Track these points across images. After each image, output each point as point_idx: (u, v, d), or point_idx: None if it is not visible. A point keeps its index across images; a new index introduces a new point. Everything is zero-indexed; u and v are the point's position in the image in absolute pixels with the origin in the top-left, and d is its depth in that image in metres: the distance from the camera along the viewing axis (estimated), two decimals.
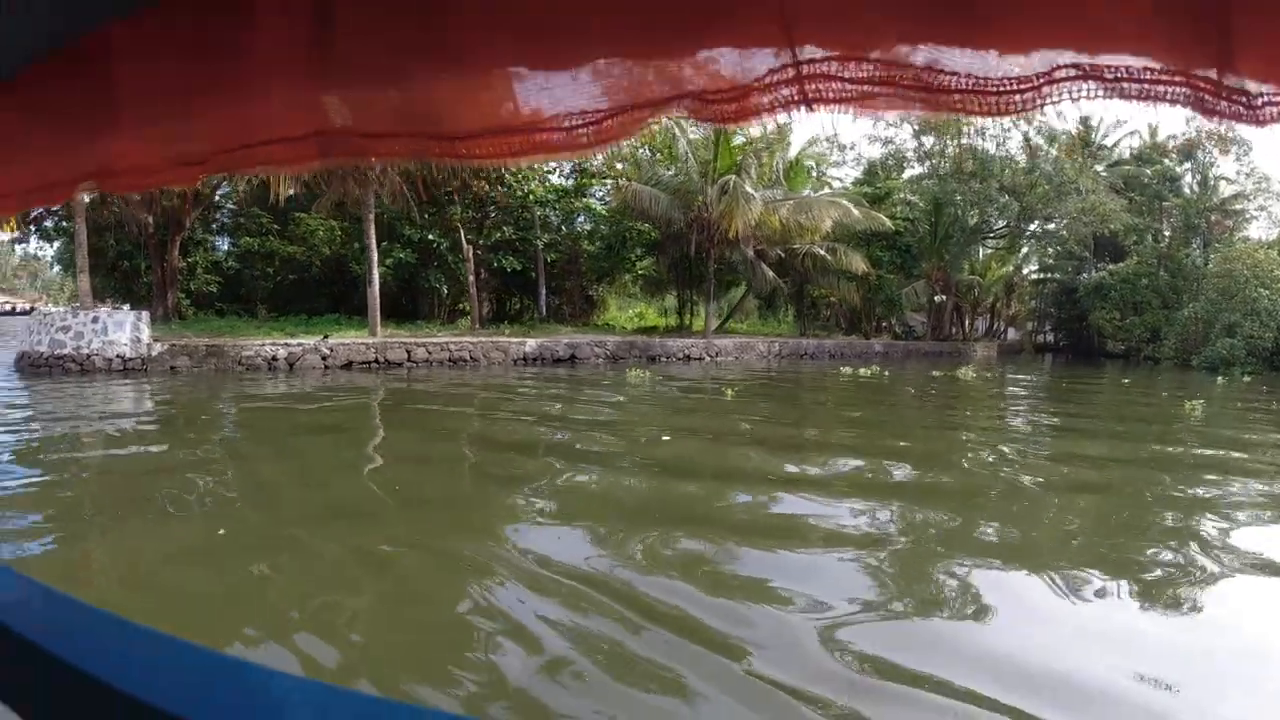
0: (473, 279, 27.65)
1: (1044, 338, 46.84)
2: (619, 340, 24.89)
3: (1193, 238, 35.28)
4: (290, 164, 0.70)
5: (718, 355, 26.24)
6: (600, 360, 23.45)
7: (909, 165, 37.73)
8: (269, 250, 26.40)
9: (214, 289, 26.26)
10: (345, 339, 20.41)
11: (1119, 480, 8.07)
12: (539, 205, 28.89)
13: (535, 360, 22.53)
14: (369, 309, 21.65)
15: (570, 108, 0.62)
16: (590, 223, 32.05)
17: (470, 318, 27.70)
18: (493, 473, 8.15)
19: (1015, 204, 33.83)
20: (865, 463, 8.69)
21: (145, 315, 18.33)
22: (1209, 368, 27.60)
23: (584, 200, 31.09)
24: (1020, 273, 44.87)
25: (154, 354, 17.83)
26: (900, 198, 36.24)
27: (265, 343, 19.10)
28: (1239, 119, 0.48)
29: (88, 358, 17.26)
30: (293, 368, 18.75)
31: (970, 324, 41.66)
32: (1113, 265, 36.97)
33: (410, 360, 20.50)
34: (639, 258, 32.49)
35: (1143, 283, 34.95)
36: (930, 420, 13.88)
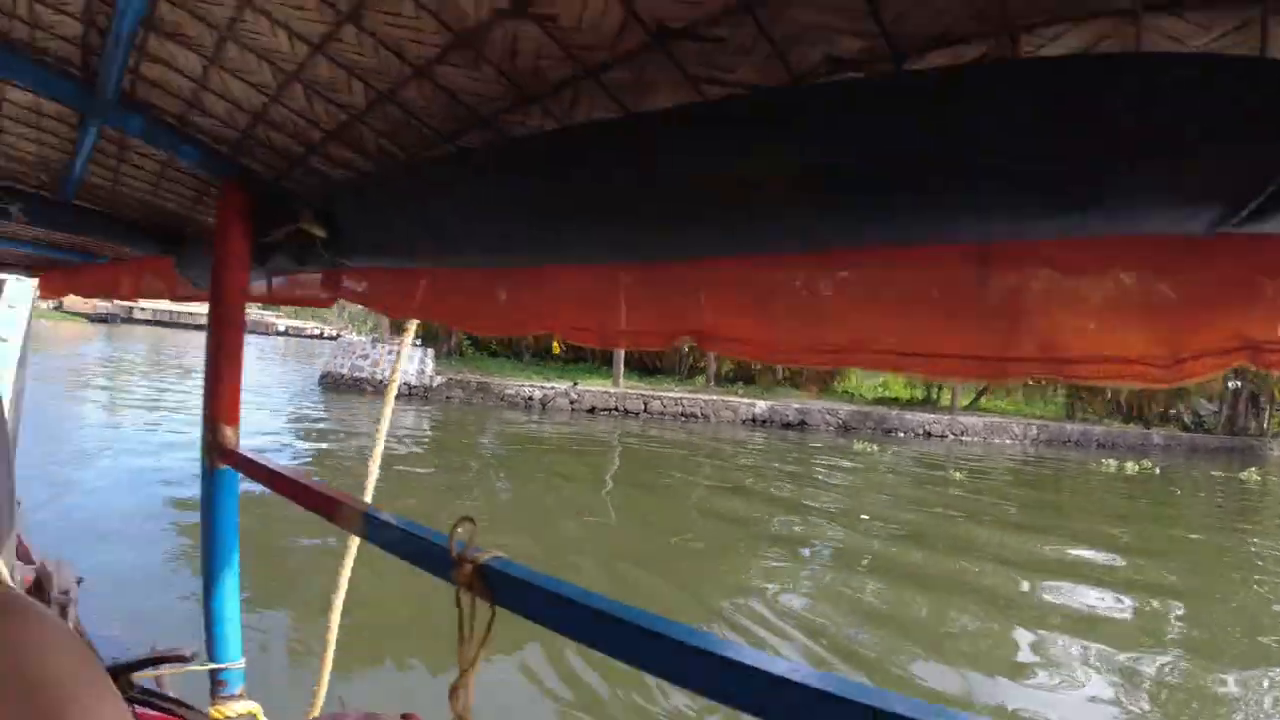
0: None
1: None
2: (853, 410, 23.89)
3: None
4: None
5: (962, 434, 23.75)
6: (830, 429, 22.65)
7: None
8: None
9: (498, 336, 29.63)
10: (591, 386, 21.84)
11: None
12: None
13: (764, 423, 22.38)
14: (614, 361, 23.01)
15: None
16: None
17: (706, 375, 28.21)
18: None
19: None
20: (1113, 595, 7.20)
21: (430, 352, 21.47)
22: None
23: None
24: None
25: (434, 385, 20.59)
26: None
27: (524, 384, 21.14)
28: None
29: (380, 383, 20.40)
30: (544, 407, 20.48)
31: (1270, 416, 33.49)
32: None
33: (646, 411, 21.37)
34: None
35: None
36: (1196, 529, 11.24)
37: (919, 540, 8.64)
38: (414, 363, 20.77)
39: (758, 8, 0.63)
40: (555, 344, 26.06)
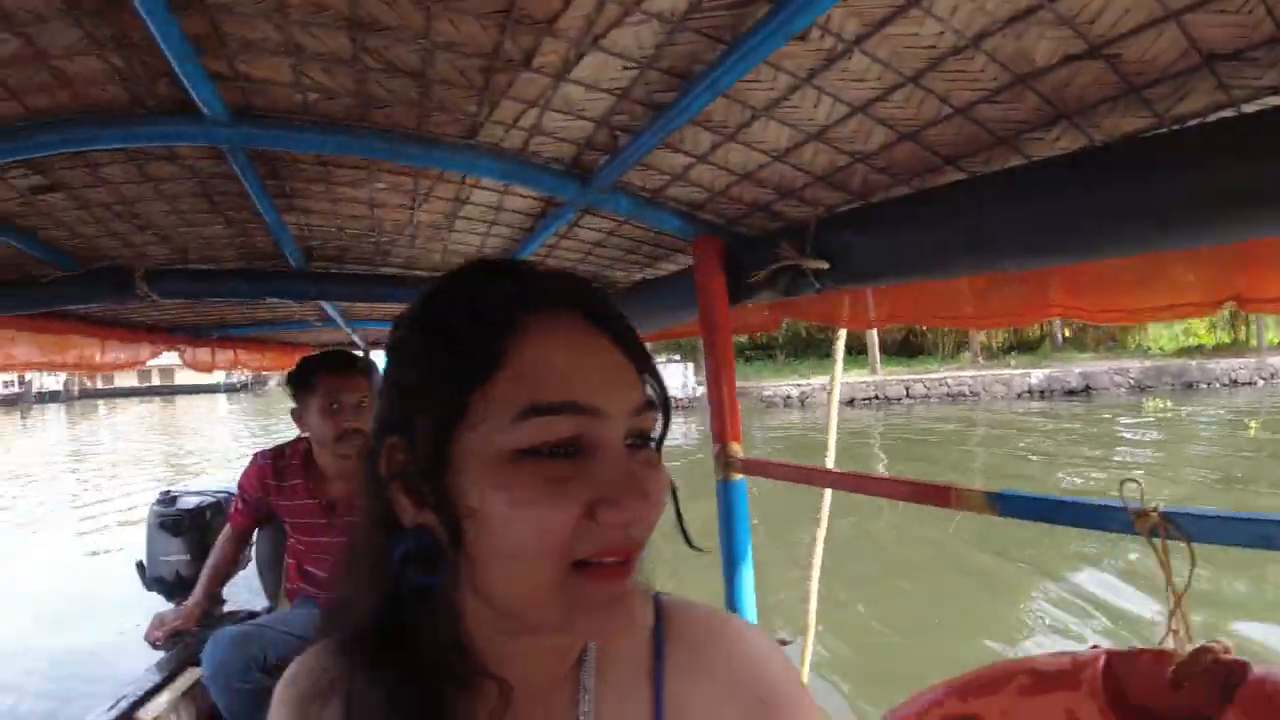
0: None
1: None
2: (1146, 366, 21.41)
3: None
4: None
5: (1273, 377, 20.48)
6: (1122, 390, 20.55)
7: None
8: None
9: (744, 339, 31.34)
10: (848, 377, 22.26)
11: None
12: None
13: (1042, 393, 21.00)
14: (869, 348, 23.20)
15: None
16: None
17: (971, 350, 26.88)
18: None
19: None
20: None
21: (692, 366, 23.77)
22: None
23: None
24: None
25: (697, 395, 22.66)
26: None
27: (782, 384, 22.36)
28: None
29: (676, 399, 23.58)
30: (803, 403, 21.43)
31: None
32: None
33: (909, 396, 21.33)
34: None
35: None
36: None
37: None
38: (678, 376, 23.23)
39: None
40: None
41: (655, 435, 0.52)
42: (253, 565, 2.58)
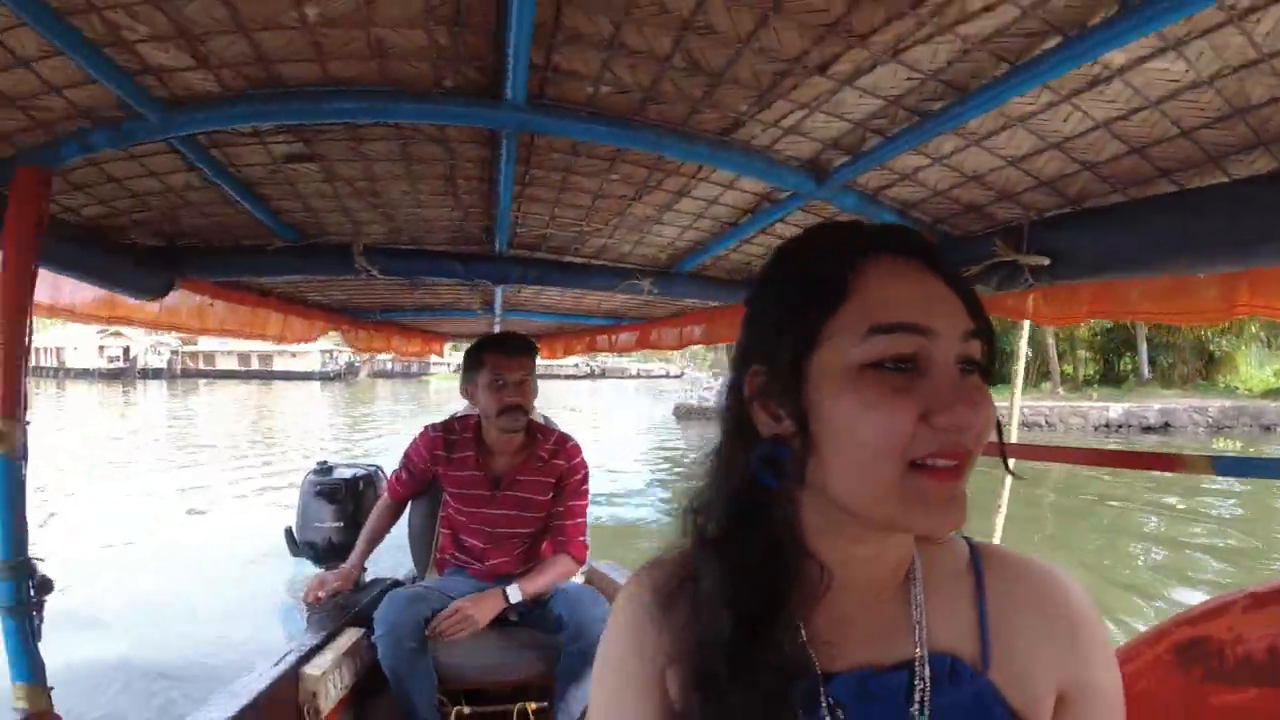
0: (1051, 340, 25.96)
1: None
2: (1226, 406, 20.46)
3: None
4: None
5: None
6: (1200, 429, 19.74)
7: None
8: None
9: None
10: None
11: None
12: None
13: (1119, 427, 20.26)
14: None
15: None
16: None
17: (1052, 380, 25.96)
18: None
19: None
20: None
21: None
22: None
23: None
24: None
25: None
26: None
27: None
28: None
29: None
30: None
31: None
32: None
33: None
34: None
35: None
36: None
37: None
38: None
39: None
40: None
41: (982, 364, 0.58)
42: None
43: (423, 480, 2.52)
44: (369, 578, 2.58)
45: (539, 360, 2.51)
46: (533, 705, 2.17)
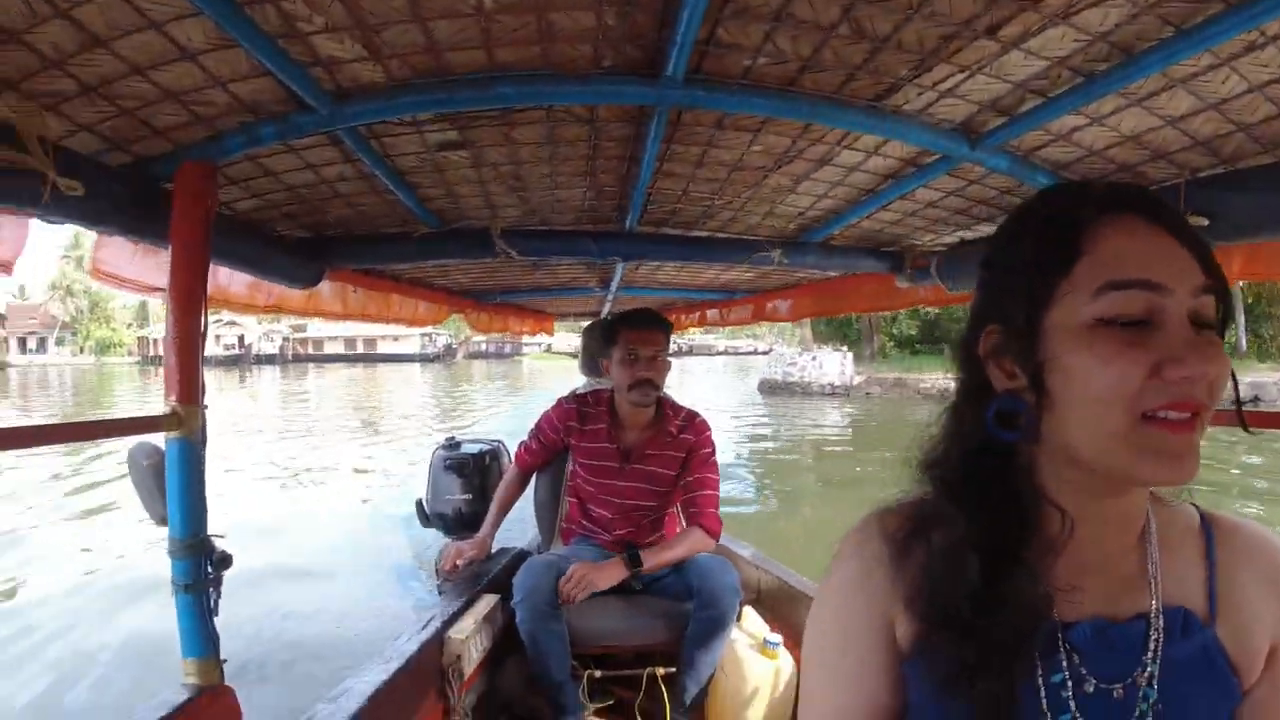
0: None
1: None
2: None
3: None
4: None
5: None
6: None
7: None
8: None
9: (914, 332, 30.30)
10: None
11: None
12: None
13: None
14: None
15: None
16: None
17: None
18: None
19: None
20: None
21: (850, 355, 24.19)
22: None
23: None
24: None
25: (854, 383, 22.69)
26: None
27: (939, 376, 21.37)
28: None
29: (807, 385, 23.66)
30: None
31: None
32: None
33: None
34: None
35: None
36: None
37: None
38: (835, 365, 23.59)
39: None
40: None
41: (1215, 322, 0.58)
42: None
43: (553, 450, 2.59)
44: (495, 548, 2.68)
45: None
46: (661, 670, 2.21)
